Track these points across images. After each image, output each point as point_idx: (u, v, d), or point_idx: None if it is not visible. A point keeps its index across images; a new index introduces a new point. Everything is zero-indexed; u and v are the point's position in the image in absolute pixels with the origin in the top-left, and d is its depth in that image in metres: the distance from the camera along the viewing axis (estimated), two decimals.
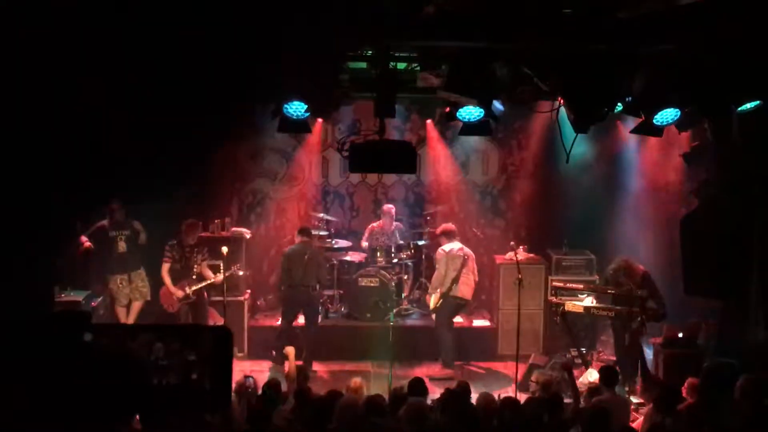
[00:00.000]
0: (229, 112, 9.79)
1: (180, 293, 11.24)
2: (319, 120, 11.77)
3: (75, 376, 3.72)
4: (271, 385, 8.01)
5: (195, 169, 11.57)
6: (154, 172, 10.45)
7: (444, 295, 11.41)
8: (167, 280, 11.27)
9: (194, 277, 11.29)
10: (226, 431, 6.91)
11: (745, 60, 7.69)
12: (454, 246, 11.53)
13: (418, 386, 7.86)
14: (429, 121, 12.87)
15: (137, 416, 6.04)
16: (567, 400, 8.33)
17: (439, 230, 12.00)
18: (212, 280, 11.19)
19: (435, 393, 8.22)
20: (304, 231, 11.78)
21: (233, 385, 7.65)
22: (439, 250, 11.66)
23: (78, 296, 11.00)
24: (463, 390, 7.78)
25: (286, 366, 9.64)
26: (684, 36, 7.40)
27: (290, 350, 9.76)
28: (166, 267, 11.30)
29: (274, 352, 11.26)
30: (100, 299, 11.50)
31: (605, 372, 8.46)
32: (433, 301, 11.54)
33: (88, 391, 3.71)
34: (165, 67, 7.49)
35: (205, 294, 11.51)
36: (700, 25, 7.22)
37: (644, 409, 8.76)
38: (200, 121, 9.37)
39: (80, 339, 3.81)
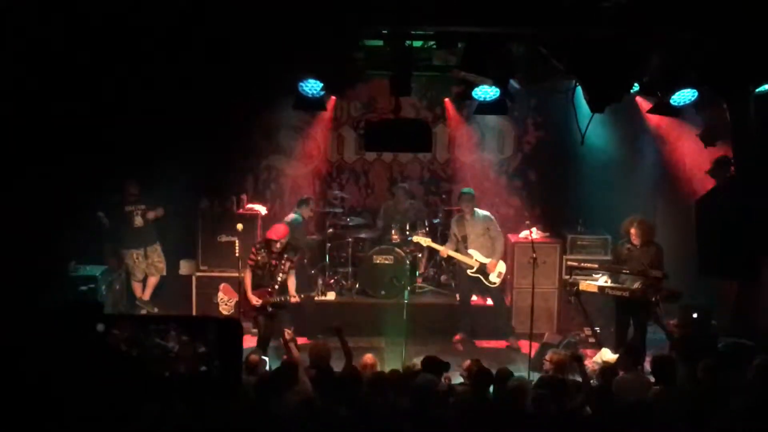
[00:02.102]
0: (245, 90, 9.79)
1: (257, 302, 10.18)
2: (334, 97, 11.74)
3: (87, 365, 3.77)
4: (288, 363, 8.03)
5: (210, 146, 11.57)
6: (168, 150, 10.51)
7: None
8: (248, 284, 10.21)
9: (277, 287, 10.18)
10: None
11: (762, 41, 7.64)
12: None
13: (431, 364, 7.91)
14: (445, 100, 12.84)
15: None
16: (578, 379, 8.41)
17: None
18: (291, 299, 10.17)
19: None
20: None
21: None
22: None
23: (94, 272, 11.01)
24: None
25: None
26: (701, 17, 7.35)
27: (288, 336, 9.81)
28: (248, 271, 10.26)
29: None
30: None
31: (630, 350, 8.49)
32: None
33: (100, 380, 3.75)
34: (180, 45, 7.50)
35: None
36: (718, 6, 7.17)
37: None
38: (216, 98, 9.39)
39: (93, 330, 3.85)
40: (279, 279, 10.14)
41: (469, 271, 11.51)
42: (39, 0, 6.94)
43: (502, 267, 11.52)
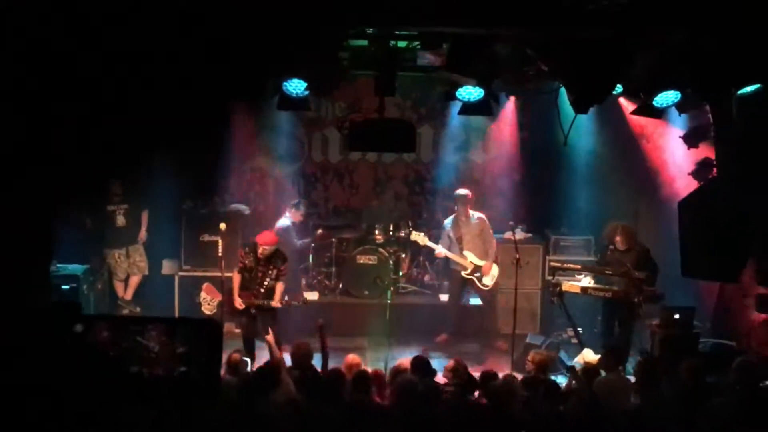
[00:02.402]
0: (229, 91, 9.75)
1: (240, 305, 10.10)
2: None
3: (66, 366, 3.74)
4: (270, 365, 8.02)
5: (194, 146, 11.53)
6: (153, 149, 10.46)
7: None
8: (235, 286, 10.15)
9: (262, 290, 10.09)
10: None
11: (745, 43, 7.67)
12: None
13: (420, 365, 7.92)
14: (429, 100, 12.85)
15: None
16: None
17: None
18: (274, 304, 10.08)
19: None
20: None
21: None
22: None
23: (76, 271, 11.01)
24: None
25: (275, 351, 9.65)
26: (685, 19, 7.37)
27: (270, 337, 9.81)
28: (236, 273, 10.22)
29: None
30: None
31: (611, 351, 8.52)
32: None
33: (78, 381, 3.73)
34: (163, 43, 7.46)
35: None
36: (701, 8, 7.20)
37: None
38: (199, 98, 9.34)
39: (71, 330, 3.82)
40: (265, 284, 10.09)
41: (463, 273, 11.47)
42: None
43: (495, 270, 11.54)
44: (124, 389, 3.93)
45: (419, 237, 11.67)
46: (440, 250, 11.57)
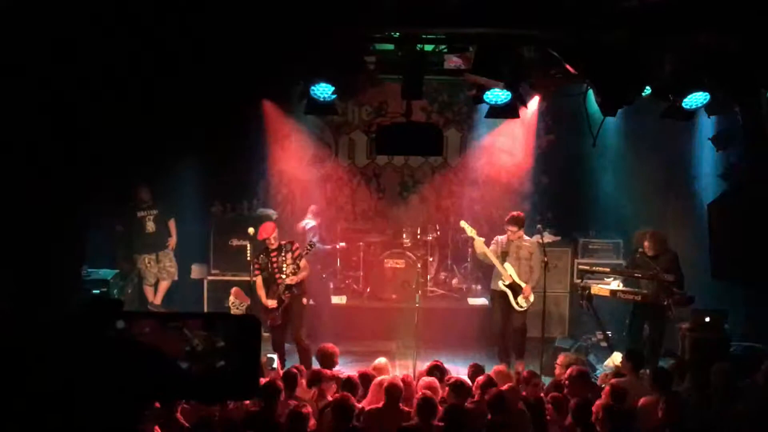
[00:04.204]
0: (256, 94, 9.82)
1: (272, 304, 10.10)
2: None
3: (107, 362, 3.78)
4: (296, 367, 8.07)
5: (222, 149, 11.61)
6: (181, 153, 10.54)
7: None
8: (260, 290, 10.20)
9: (284, 276, 10.02)
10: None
11: None
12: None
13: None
14: (456, 103, 12.85)
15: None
16: None
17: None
18: (299, 277, 10.11)
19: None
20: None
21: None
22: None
23: (106, 275, 11.05)
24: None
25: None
26: (712, 20, 7.33)
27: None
28: (258, 278, 10.20)
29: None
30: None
31: (631, 355, 8.45)
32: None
33: (118, 377, 3.76)
34: (193, 47, 7.51)
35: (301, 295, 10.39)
36: (731, 9, 7.15)
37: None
38: (228, 101, 9.41)
39: (113, 326, 3.86)
40: (284, 270, 10.05)
41: (500, 283, 10.66)
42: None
43: (533, 297, 10.66)
44: (171, 384, 3.97)
45: (467, 227, 10.80)
46: (481, 245, 10.68)
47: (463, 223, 11.04)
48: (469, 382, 7.84)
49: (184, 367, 3.86)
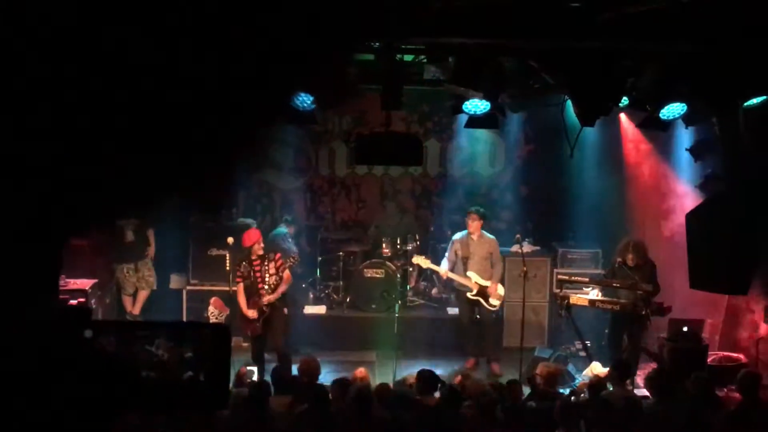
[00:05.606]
0: (238, 105, 9.76)
1: (253, 315, 9.98)
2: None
3: (73, 372, 3.74)
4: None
5: (201, 160, 11.55)
6: (157, 162, 10.47)
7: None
8: (240, 299, 10.07)
9: (266, 287, 9.98)
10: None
11: (751, 55, 7.69)
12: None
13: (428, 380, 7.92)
14: (436, 114, 12.87)
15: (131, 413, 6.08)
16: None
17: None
18: (279, 291, 10.07)
19: None
20: None
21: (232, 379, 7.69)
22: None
23: (84, 284, 10.97)
24: None
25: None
26: (690, 31, 7.38)
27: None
28: (239, 287, 10.09)
29: None
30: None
31: (617, 365, 8.48)
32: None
33: (85, 387, 3.72)
34: (171, 56, 7.49)
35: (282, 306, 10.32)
36: (708, 20, 7.20)
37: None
38: (206, 111, 9.36)
39: (80, 336, 3.82)
40: (267, 280, 10.00)
41: (469, 294, 11.00)
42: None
43: (501, 290, 11.11)
44: (135, 394, 3.92)
45: (421, 260, 11.30)
46: (444, 270, 11.10)
47: (416, 259, 11.26)
48: None
49: (149, 378, 3.80)
